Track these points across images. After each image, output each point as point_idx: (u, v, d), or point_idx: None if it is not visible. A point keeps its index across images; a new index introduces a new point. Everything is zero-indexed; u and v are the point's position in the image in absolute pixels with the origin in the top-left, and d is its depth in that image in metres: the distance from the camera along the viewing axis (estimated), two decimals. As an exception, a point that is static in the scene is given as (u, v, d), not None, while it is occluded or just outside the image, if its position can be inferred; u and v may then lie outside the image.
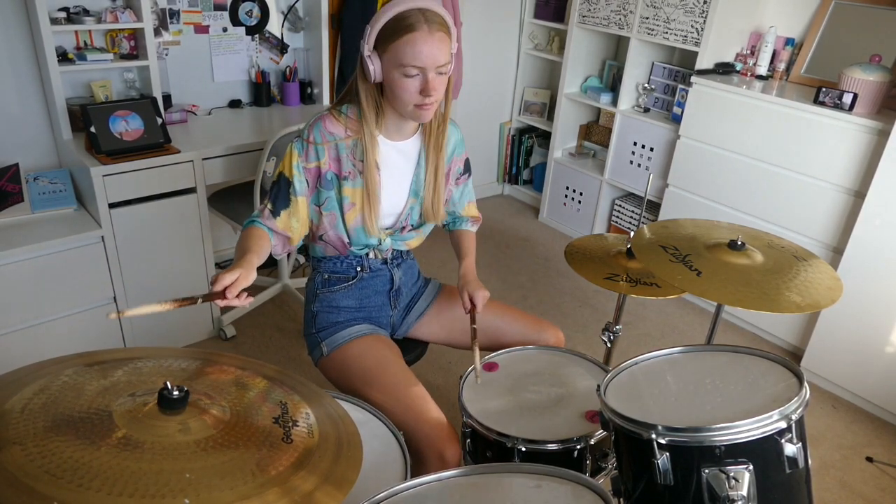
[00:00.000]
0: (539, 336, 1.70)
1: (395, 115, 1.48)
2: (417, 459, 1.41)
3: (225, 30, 2.85)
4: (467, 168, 1.73)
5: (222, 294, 1.17)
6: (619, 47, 3.75)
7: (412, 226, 1.63)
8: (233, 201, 2.68)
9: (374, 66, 1.38)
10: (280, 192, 1.48)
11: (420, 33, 1.32)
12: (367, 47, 1.37)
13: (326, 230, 1.54)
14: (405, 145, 1.55)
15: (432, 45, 1.33)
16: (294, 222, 1.49)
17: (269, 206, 1.48)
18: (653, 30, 3.15)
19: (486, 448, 1.39)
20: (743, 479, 1.04)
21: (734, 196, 2.91)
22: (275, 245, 1.47)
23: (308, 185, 1.49)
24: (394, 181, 1.55)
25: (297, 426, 0.99)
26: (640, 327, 3.01)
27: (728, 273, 1.48)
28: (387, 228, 1.59)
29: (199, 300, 1.13)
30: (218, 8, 2.80)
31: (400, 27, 1.33)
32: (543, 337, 1.70)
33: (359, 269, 1.62)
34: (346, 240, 1.55)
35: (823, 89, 2.54)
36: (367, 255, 1.61)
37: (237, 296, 1.18)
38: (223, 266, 3.14)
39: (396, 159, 1.54)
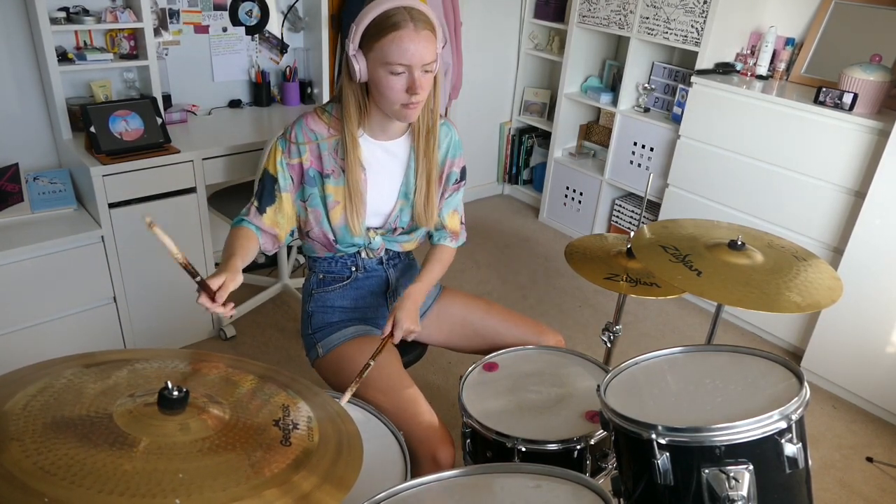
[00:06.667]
0: (539, 341, 1.69)
1: (380, 114, 1.47)
2: (412, 461, 1.41)
3: (225, 30, 2.85)
4: (463, 176, 1.66)
5: (212, 294, 1.18)
6: (619, 47, 3.75)
7: (402, 228, 1.61)
8: (233, 201, 2.68)
9: (359, 66, 1.37)
10: (265, 189, 1.49)
11: (406, 31, 1.31)
12: (353, 46, 1.37)
13: (312, 227, 1.54)
14: (393, 145, 1.53)
15: (419, 43, 1.32)
16: (280, 219, 1.50)
17: (255, 203, 1.50)
18: (653, 30, 3.15)
19: (486, 448, 1.39)
20: (743, 479, 1.04)
21: (734, 196, 2.91)
22: (263, 243, 1.49)
23: (293, 181, 1.50)
24: (381, 181, 1.54)
25: (298, 429, 0.99)
26: (640, 327, 3.01)
27: (728, 273, 1.48)
28: (376, 228, 1.58)
29: (198, 279, 1.15)
30: (218, 8, 2.80)
31: (386, 25, 1.32)
32: (543, 341, 1.69)
33: (353, 269, 1.62)
34: (332, 237, 1.54)
35: (823, 89, 2.54)
36: (359, 254, 1.60)
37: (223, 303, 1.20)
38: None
39: (384, 159, 1.53)
